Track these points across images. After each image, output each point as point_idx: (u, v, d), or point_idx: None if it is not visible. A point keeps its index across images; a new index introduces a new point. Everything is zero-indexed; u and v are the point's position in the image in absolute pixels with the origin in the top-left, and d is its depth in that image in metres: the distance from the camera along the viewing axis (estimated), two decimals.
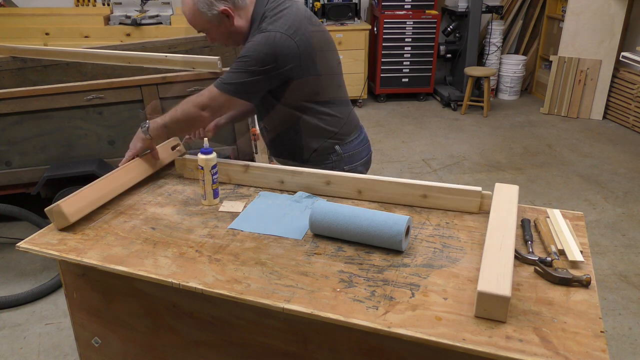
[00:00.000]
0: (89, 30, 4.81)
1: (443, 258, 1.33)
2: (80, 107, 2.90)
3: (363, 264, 1.31)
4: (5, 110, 2.83)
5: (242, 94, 1.66)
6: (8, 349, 2.37)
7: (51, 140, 2.95)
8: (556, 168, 4.22)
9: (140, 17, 4.81)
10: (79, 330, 1.60)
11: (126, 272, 1.30)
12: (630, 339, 2.40)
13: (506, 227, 1.33)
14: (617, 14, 4.97)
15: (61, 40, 4.68)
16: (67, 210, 1.45)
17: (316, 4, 5.37)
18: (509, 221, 1.36)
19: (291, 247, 1.39)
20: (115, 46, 3.61)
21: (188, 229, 1.49)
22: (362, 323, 1.11)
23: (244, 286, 1.23)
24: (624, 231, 3.29)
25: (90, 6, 5.33)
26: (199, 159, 1.59)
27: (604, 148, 4.61)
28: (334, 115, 1.82)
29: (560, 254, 1.32)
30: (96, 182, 1.58)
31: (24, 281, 2.83)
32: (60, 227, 1.47)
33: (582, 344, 1.04)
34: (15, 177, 3.00)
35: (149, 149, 1.76)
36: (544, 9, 5.89)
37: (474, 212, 1.53)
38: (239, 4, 1.70)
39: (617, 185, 3.92)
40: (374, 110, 5.71)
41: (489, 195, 1.52)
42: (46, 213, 1.46)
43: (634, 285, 2.76)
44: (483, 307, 1.10)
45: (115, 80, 2.89)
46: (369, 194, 1.62)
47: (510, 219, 1.37)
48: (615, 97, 5.19)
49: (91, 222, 1.52)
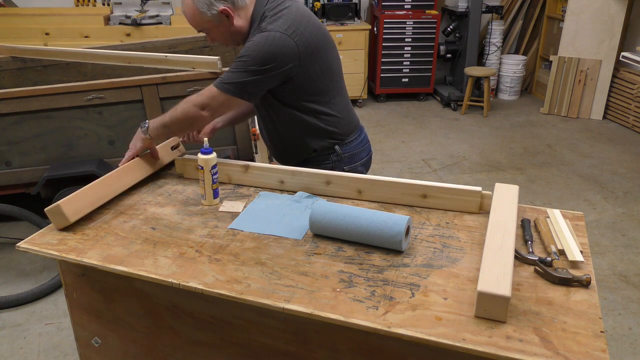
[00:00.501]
0: (89, 30, 4.81)
1: (443, 258, 1.33)
2: (80, 107, 2.90)
3: (363, 264, 1.31)
4: (5, 110, 2.83)
5: (241, 94, 1.66)
6: (8, 349, 2.37)
7: (51, 140, 2.95)
8: (556, 168, 4.22)
9: (140, 17, 4.81)
10: (79, 330, 1.60)
11: (126, 272, 1.30)
12: (630, 339, 2.40)
13: (506, 227, 1.33)
14: (617, 14, 4.97)
15: (61, 40, 4.67)
16: (67, 210, 1.45)
17: (316, 4, 5.37)
18: (509, 221, 1.36)
19: (291, 247, 1.39)
20: (115, 46, 3.61)
21: (188, 229, 1.49)
22: (362, 323, 1.11)
23: (244, 286, 1.23)
24: (624, 231, 3.29)
25: (90, 6, 5.33)
26: (199, 158, 1.59)
27: (604, 148, 4.61)
28: (334, 115, 1.82)
29: (560, 254, 1.32)
30: (96, 182, 1.58)
31: (24, 281, 2.83)
32: (60, 227, 1.47)
33: (582, 344, 1.04)
34: (15, 177, 3.00)
35: (148, 148, 1.76)
36: (544, 9, 5.90)
37: (474, 212, 1.53)
38: (239, 4, 1.70)
39: (617, 185, 3.92)
40: (374, 110, 5.71)
41: (489, 195, 1.52)
42: (46, 213, 1.46)
43: (634, 285, 2.76)
44: (483, 307, 1.10)
45: (115, 80, 2.89)
46: (369, 194, 1.62)
47: (510, 219, 1.37)
48: (615, 97, 5.19)
49: (91, 222, 1.52)
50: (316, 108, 1.78)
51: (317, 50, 1.71)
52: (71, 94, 2.86)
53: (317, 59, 1.72)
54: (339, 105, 1.84)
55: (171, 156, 1.88)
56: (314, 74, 1.72)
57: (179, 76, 2.89)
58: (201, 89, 1.71)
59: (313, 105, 1.78)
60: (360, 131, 1.94)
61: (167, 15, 4.93)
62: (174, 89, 2.90)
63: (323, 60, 1.74)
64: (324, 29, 1.80)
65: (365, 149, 1.95)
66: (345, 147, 1.87)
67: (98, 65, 3.49)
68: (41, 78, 3.58)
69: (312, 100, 1.77)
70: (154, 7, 5.02)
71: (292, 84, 1.70)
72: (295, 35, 1.64)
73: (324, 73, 1.76)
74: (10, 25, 4.77)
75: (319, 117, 1.79)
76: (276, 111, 1.80)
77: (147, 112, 2.94)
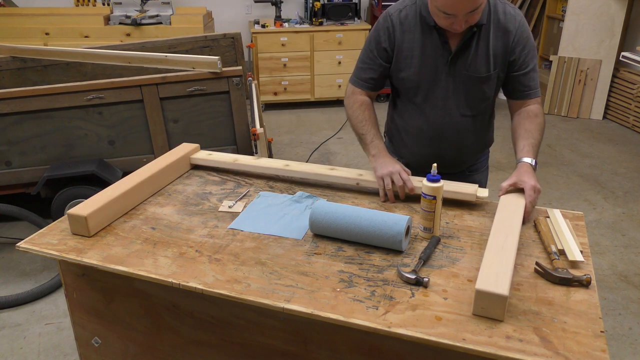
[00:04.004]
0: (89, 30, 4.81)
1: (443, 258, 1.33)
2: (80, 107, 2.90)
3: (363, 264, 1.31)
4: (5, 110, 2.83)
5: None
6: (8, 349, 2.37)
7: (51, 140, 2.95)
8: (556, 168, 4.21)
9: (140, 17, 4.81)
10: (79, 330, 1.60)
11: (126, 272, 1.30)
12: (630, 339, 2.40)
13: (511, 228, 1.32)
14: (617, 14, 4.97)
15: (61, 40, 4.68)
16: (91, 224, 1.43)
17: (316, 4, 5.37)
18: (514, 222, 1.35)
19: (291, 247, 1.39)
20: (115, 46, 3.61)
21: (188, 229, 1.49)
22: (362, 323, 1.11)
23: (244, 286, 1.23)
24: (624, 231, 3.29)
25: (90, 6, 5.33)
26: (426, 187, 1.37)
27: (604, 148, 4.61)
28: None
29: (560, 253, 1.32)
30: (121, 195, 1.54)
31: (24, 281, 2.83)
32: (76, 233, 1.46)
33: (582, 344, 1.04)
34: (15, 177, 3.00)
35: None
36: (544, 9, 5.89)
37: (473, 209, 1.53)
38: None
39: (617, 185, 3.91)
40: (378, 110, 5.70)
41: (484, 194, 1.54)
42: (67, 216, 1.43)
43: (634, 285, 2.76)
44: (481, 305, 1.11)
45: (115, 80, 2.90)
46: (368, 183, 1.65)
47: (516, 220, 1.36)
48: (615, 97, 5.19)
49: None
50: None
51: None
52: (71, 94, 2.86)
53: None
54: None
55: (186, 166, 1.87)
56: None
57: (179, 76, 2.89)
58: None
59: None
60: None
61: (167, 15, 4.92)
62: (174, 89, 2.90)
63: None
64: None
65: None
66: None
67: (98, 65, 3.50)
68: (41, 78, 3.58)
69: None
70: (154, 7, 5.02)
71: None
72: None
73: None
74: (10, 25, 4.77)
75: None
76: (486, 106, 1.80)
77: (147, 112, 2.94)
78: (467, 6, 1.43)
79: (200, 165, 1.89)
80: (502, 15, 1.59)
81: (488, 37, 1.59)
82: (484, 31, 1.59)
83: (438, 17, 1.52)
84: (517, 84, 1.66)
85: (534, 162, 1.54)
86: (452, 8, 1.44)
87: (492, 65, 1.62)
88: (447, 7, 1.45)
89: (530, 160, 1.53)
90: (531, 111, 1.65)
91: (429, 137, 1.76)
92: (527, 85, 1.66)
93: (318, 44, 5.33)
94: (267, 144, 3.36)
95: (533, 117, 1.64)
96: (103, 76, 3.40)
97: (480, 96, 1.69)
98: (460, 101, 1.69)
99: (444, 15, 1.48)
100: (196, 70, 2.92)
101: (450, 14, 1.46)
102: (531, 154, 1.55)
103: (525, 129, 1.62)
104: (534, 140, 1.58)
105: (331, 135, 4.66)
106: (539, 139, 1.60)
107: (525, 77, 1.65)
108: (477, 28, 1.58)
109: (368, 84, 1.76)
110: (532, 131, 1.60)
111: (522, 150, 1.56)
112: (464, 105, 1.70)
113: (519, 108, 1.70)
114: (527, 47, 1.61)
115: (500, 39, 1.60)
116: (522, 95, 1.67)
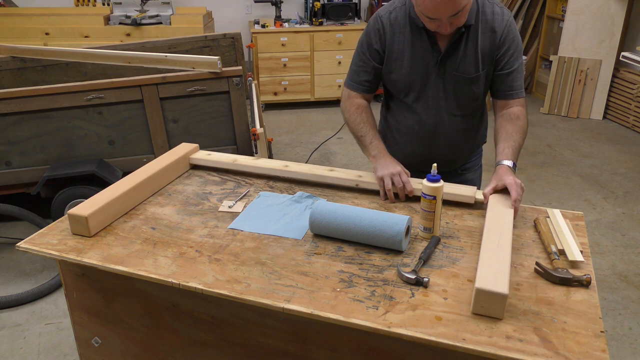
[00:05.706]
0: (89, 30, 4.81)
1: (443, 258, 1.33)
2: (80, 107, 2.90)
3: (363, 264, 1.31)
4: (5, 110, 2.83)
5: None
6: (8, 349, 2.37)
7: (51, 140, 2.95)
8: (556, 168, 4.21)
9: (140, 17, 4.81)
10: (79, 330, 1.60)
11: (126, 272, 1.30)
12: (630, 339, 2.40)
13: (503, 225, 1.33)
14: (617, 14, 4.97)
15: (61, 40, 4.68)
16: (92, 223, 1.43)
17: (316, 4, 5.37)
18: (506, 219, 1.36)
19: (291, 247, 1.39)
20: (115, 46, 3.61)
21: (188, 229, 1.49)
22: (362, 323, 1.11)
23: (244, 286, 1.23)
24: (624, 231, 3.29)
25: (90, 6, 5.33)
26: (426, 187, 1.37)
27: (604, 148, 4.61)
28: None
29: (560, 254, 1.32)
30: (121, 195, 1.54)
31: (24, 281, 2.83)
32: (76, 233, 1.46)
33: (582, 344, 1.04)
34: (15, 177, 3.00)
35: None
36: (544, 8, 5.89)
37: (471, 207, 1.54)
38: None
39: (617, 185, 3.91)
40: (374, 110, 5.69)
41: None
42: (68, 216, 1.44)
43: (634, 285, 2.76)
44: (480, 304, 1.11)
45: (115, 80, 2.89)
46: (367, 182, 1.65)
47: (507, 217, 1.37)
48: (615, 97, 5.19)
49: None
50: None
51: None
52: (71, 94, 2.86)
53: None
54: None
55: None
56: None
57: (179, 76, 2.89)
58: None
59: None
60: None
61: (167, 15, 4.93)
62: (173, 88, 2.90)
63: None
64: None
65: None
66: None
67: (98, 65, 3.50)
68: (41, 78, 3.58)
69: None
70: (154, 7, 5.02)
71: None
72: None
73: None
74: (10, 25, 4.77)
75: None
76: (477, 104, 1.81)
77: (147, 112, 2.94)
78: (448, 10, 1.44)
79: (199, 165, 1.89)
80: (490, 15, 1.60)
81: (476, 37, 1.60)
82: (472, 31, 1.60)
83: (424, 21, 1.53)
84: (500, 83, 1.67)
85: (513, 164, 1.55)
86: (434, 12, 1.46)
87: (481, 65, 1.63)
88: (430, 12, 1.46)
89: (509, 162, 1.54)
90: (513, 113, 1.66)
91: (420, 137, 1.77)
92: (509, 85, 1.66)
93: (318, 44, 5.33)
94: (267, 144, 3.36)
95: (515, 120, 1.65)
96: (103, 76, 3.40)
97: (470, 96, 1.70)
98: (451, 101, 1.69)
99: (428, 19, 1.49)
100: (196, 70, 2.92)
101: (434, 18, 1.47)
102: (510, 156, 1.56)
103: (506, 131, 1.63)
104: (514, 143, 1.60)
105: (331, 135, 4.66)
106: (520, 142, 1.62)
107: (509, 77, 1.65)
108: (466, 28, 1.58)
109: (363, 87, 1.76)
110: (512, 134, 1.62)
111: (501, 153, 1.58)
112: (454, 105, 1.70)
113: (502, 109, 1.70)
114: (512, 47, 1.62)
115: (487, 38, 1.61)
116: (504, 95, 1.68)
